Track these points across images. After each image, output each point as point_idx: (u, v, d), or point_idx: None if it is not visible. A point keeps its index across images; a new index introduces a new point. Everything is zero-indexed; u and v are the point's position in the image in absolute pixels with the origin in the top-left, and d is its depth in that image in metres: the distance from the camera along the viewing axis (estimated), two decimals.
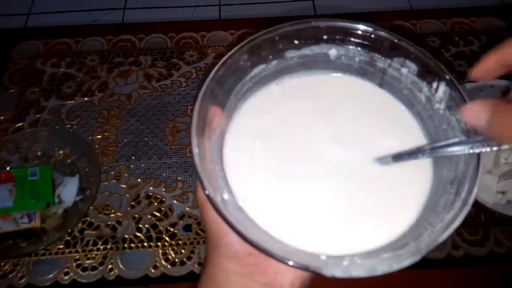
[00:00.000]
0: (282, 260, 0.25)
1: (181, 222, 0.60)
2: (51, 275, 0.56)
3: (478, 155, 0.29)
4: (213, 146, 0.32)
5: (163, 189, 0.63)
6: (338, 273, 0.25)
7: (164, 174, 0.64)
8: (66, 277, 0.56)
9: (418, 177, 0.34)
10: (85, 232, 0.59)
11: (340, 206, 0.33)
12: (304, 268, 0.25)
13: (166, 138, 0.68)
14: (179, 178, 0.64)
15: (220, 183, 0.31)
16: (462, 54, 0.76)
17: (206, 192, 0.27)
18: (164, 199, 0.62)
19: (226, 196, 0.30)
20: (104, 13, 1.46)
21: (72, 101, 0.71)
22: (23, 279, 0.56)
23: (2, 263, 0.57)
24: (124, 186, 0.63)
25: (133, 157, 0.66)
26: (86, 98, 0.72)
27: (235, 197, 0.32)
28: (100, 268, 0.57)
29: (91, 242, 0.58)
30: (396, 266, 0.25)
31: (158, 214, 0.61)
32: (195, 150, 0.29)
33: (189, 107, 0.71)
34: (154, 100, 0.71)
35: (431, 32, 0.79)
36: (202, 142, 0.30)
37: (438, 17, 0.81)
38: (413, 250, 0.27)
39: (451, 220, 0.27)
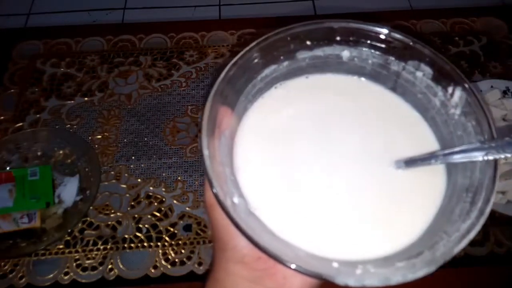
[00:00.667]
0: (293, 268, 0.25)
1: (181, 222, 0.60)
2: (51, 275, 0.56)
3: (495, 164, 0.28)
4: (223, 148, 0.32)
5: (163, 189, 0.63)
6: (351, 282, 0.24)
7: (164, 174, 0.64)
8: (66, 277, 0.56)
9: (431, 183, 0.33)
10: (85, 232, 0.59)
11: (353, 211, 0.32)
12: (317, 277, 0.25)
13: (166, 138, 0.68)
14: (179, 178, 0.64)
15: (230, 186, 0.30)
16: (462, 54, 0.75)
17: (217, 194, 0.27)
18: (164, 199, 0.62)
19: (236, 199, 0.29)
20: (104, 13, 1.46)
21: (72, 101, 0.71)
22: (23, 279, 0.56)
23: (2, 263, 0.57)
24: (124, 186, 0.63)
25: (133, 157, 0.66)
26: (86, 98, 0.72)
27: (246, 202, 0.31)
28: (100, 268, 0.56)
29: (91, 242, 0.58)
30: (410, 276, 0.25)
31: (158, 214, 0.61)
32: (205, 152, 0.28)
33: (189, 107, 0.71)
34: (154, 100, 0.71)
35: (431, 32, 0.79)
36: (212, 143, 0.29)
37: (438, 17, 0.81)
38: (428, 259, 0.26)
39: (468, 230, 0.26)
